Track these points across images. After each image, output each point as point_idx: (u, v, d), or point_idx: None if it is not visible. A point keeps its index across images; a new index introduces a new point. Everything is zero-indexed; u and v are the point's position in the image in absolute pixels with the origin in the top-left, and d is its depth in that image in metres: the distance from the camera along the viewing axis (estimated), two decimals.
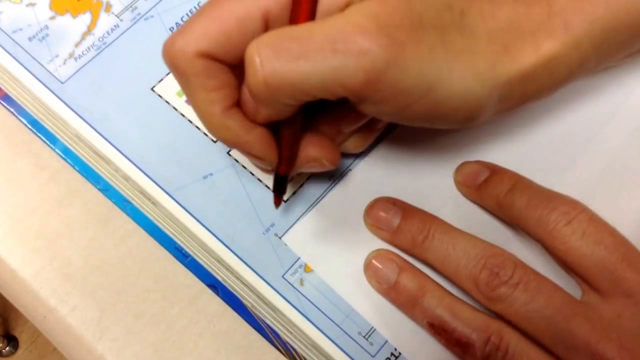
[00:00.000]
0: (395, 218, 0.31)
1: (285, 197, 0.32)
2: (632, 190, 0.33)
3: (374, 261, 0.31)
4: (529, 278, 0.27)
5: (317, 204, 0.32)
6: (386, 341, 0.30)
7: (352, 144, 0.31)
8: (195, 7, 0.35)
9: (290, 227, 0.32)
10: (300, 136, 0.28)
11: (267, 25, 0.25)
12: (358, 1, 0.24)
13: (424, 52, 0.23)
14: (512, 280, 0.27)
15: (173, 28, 0.35)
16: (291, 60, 0.23)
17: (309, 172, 0.32)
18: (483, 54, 0.25)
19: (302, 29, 0.23)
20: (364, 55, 0.22)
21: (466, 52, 0.24)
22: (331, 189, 0.32)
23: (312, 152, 0.29)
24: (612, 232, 0.28)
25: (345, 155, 0.32)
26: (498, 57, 0.25)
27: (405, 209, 0.31)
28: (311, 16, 0.24)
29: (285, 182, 0.29)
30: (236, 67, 0.25)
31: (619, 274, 0.27)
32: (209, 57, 0.24)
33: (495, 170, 0.31)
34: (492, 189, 0.31)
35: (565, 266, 0.29)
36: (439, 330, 0.28)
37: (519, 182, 0.30)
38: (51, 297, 0.33)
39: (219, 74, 0.25)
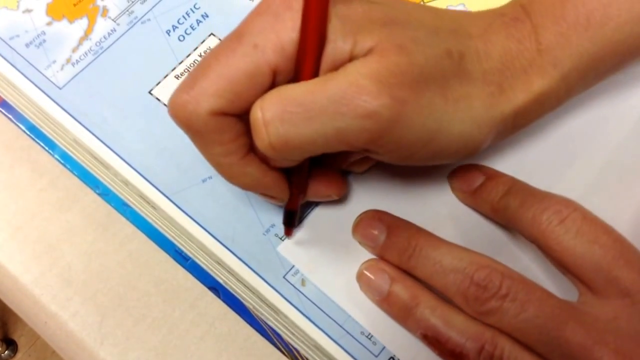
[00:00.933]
0: (381, 234, 0.30)
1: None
2: (629, 189, 0.33)
3: (365, 272, 0.30)
4: (518, 288, 0.27)
5: (314, 209, 0.32)
6: None
7: (357, 166, 0.32)
8: (191, 9, 0.35)
9: None
10: (308, 173, 0.29)
11: (274, 77, 0.24)
12: (361, 55, 0.24)
13: (424, 106, 0.24)
14: (501, 292, 0.26)
15: (170, 31, 0.35)
16: (296, 124, 0.23)
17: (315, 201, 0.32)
18: (480, 97, 0.26)
19: (306, 91, 0.23)
20: (367, 117, 0.23)
21: (464, 98, 0.26)
22: None
23: (321, 189, 0.30)
24: (607, 230, 0.27)
25: None
26: (494, 98, 0.27)
27: (390, 225, 0.31)
28: (315, 72, 0.24)
29: (295, 215, 0.30)
30: (247, 115, 0.25)
31: (615, 273, 0.26)
32: (221, 113, 0.24)
33: (490, 176, 0.31)
34: (487, 195, 0.31)
35: (560, 266, 0.28)
36: (432, 342, 0.28)
37: (513, 186, 0.30)
38: (52, 302, 0.33)
39: (232, 126, 0.25)
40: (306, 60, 0.24)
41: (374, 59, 0.23)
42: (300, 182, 0.29)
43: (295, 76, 0.24)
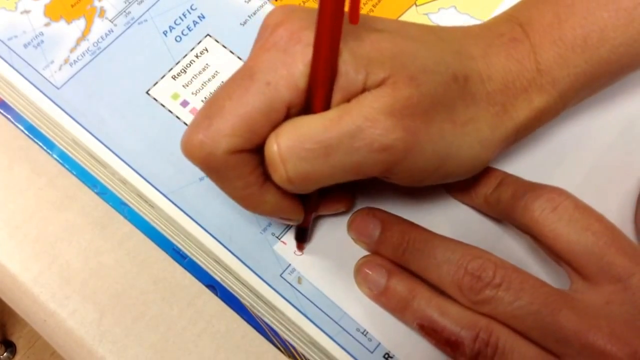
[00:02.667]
0: (375, 230, 0.31)
1: None
2: (616, 190, 0.33)
3: (362, 267, 0.31)
4: (511, 277, 0.27)
5: None
6: None
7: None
8: (188, 11, 0.36)
9: (287, 227, 0.32)
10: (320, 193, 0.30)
11: (288, 111, 0.25)
12: (373, 86, 0.24)
13: (435, 133, 0.25)
14: (495, 281, 0.27)
15: (167, 32, 0.35)
16: (312, 161, 0.24)
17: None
18: (485, 118, 0.27)
19: (321, 125, 0.24)
20: (383, 151, 0.24)
21: (471, 121, 0.27)
22: None
23: (331, 205, 0.31)
24: (599, 218, 0.28)
25: None
26: (498, 118, 0.28)
27: (384, 221, 0.31)
28: (327, 104, 0.25)
29: (307, 232, 0.31)
30: (262, 147, 0.25)
31: (607, 259, 0.27)
32: (238, 151, 0.24)
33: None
34: (480, 189, 0.32)
35: (553, 254, 0.29)
36: (429, 331, 0.28)
37: (504, 179, 0.31)
38: (51, 301, 0.34)
39: (249, 160, 0.25)
40: (318, 93, 0.24)
41: (387, 92, 0.24)
42: (313, 203, 0.30)
43: (308, 107, 0.25)
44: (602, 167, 0.34)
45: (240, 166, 0.25)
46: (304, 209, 0.29)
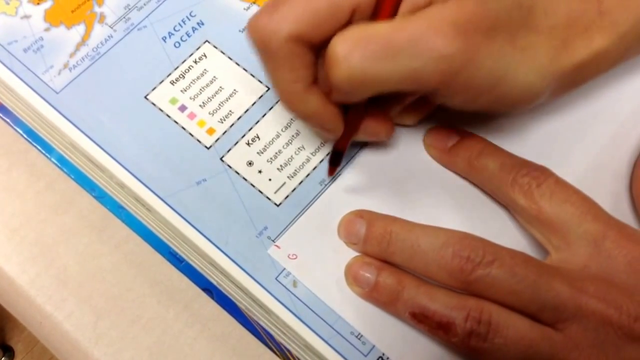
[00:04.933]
0: (361, 229, 0.31)
1: (278, 202, 0.33)
2: (610, 191, 0.34)
3: (352, 267, 0.31)
4: (502, 253, 0.28)
5: (304, 212, 0.33)
6: None
7: (408, 118, 0.33)
8: (187, 17, 0.36)
9: (283, 230, 0.32)
10: (364, 113, 0.30)
11: (353, 17, 0.26)
12: (440, 1, 0.25)
13: (494, 51, 0.26)
14: (486, 259, 0.28)
15: (166, 37, 0.35)
16: (375, 61, 0.24)
17: (363, 140, 0.33)
18: (545, 49, 0.28)
19: (386, 29, 0.25)
20: (443, 59, 0.25)
21: (530, 48, 0.27)
22: (319, 195, 0.33)
23: (372, 127, 0.31)
24: (576, 191, 0.30)
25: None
26: (557, 52, 0.28)
27: (369, 219, 0.32)
28: (393, 13, 0.26)
29: (342, 155, 0.32)
30: (318, 47, 0.27)
31: (585, 226, 0.29)
32: (299, 40, 0.26)
33: (464, 135, 0.33)
34: (464, 152, 0.33)
35: (535, 224, 0.30)
36: (420, 318, 0.29)
37: (487, 146, 0.33)
38: (47, 303, 0.34)
39: (305, 54, 0.26)
40: (387, 1, 0.25)
41: (453, 6, 0.25)
42: (355, 120, 0.30)
43: (374, 15, 0.26)
44: (596, 168, 0.34)
45: (295, 57, 0.26)
46: (344, 124, 0.30)
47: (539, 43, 0.28)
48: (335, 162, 0.32)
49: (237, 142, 0.34)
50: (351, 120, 0.30)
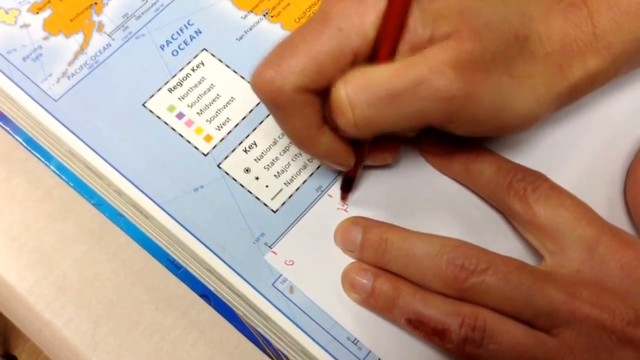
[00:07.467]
0: (357, 236, 0.32)
1: (275, 208, 0.33)
2: (604, 196, 0.34)
3: (349, 273, 0.32)
4: (495, 260, 0.28)
5: (301, 218, 0.33)
6: None
7: (410, 133, 0.34)
8: (185, 26, 0.36)
9: (280, 236, 0.33)
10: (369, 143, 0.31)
11: (355, 60, 0.26)
12: (439, 39, 0.26)
13: (493, 84, 0.27)
14: (480, 267, 0.28)
15: (164, 46, 0.36)
16: (379, 107, 0.25)
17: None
18: (542, 76, 0.29)
19: (388, 73, 0.25)
20: (446, 100, 0.26)
21: (528, 77, 0.28)
22: (316, 202, 0.33)
23: (379, 154, 0.33)
24: (571, 197, 0.31)
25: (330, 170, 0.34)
26: (554, 77, 0.29)
27: (365, 226, 0.32)
28: (392, 55, 0.26)
29: (353, 181, 0.33)
30: (324, 92, 0.27)
31: (579, 231, 0.29)
32: (306, 90, 0.26)
33: (460, 140, 0.33)
34: (460, 157, 0.33)
35: (530, 229, 0.31)
36: (416, 325, 0.29)
37: (483, 151, 0.33)
38: (46, 310, 0.34)
39: (313, 101, 0.27)
40: (386, 44, 0.26)
41: (452, 46, 0.26)
42: (363, 150, 0.31)
43: (373, 57, 0.26)
44: (590, 175, 0.35)
45: (304, 105, 0.27)
46: (355, 156, 0.30)
47: (535, 71, 0.29)
48: (348, 189, 0.33)
49: (234, 149, 0.34)
50: (360, 151, 0.31)
